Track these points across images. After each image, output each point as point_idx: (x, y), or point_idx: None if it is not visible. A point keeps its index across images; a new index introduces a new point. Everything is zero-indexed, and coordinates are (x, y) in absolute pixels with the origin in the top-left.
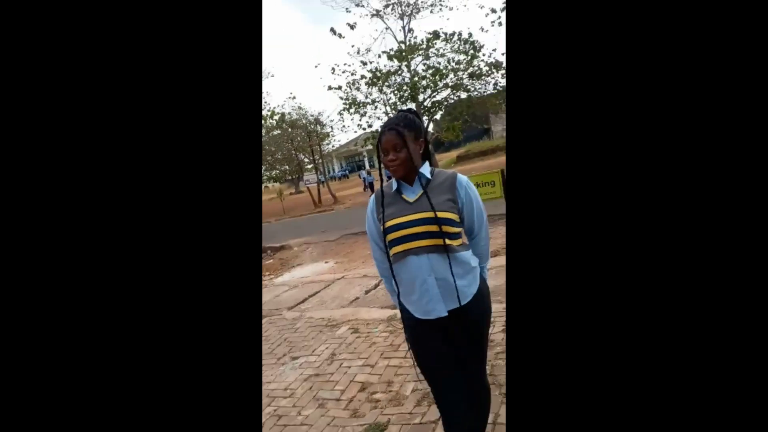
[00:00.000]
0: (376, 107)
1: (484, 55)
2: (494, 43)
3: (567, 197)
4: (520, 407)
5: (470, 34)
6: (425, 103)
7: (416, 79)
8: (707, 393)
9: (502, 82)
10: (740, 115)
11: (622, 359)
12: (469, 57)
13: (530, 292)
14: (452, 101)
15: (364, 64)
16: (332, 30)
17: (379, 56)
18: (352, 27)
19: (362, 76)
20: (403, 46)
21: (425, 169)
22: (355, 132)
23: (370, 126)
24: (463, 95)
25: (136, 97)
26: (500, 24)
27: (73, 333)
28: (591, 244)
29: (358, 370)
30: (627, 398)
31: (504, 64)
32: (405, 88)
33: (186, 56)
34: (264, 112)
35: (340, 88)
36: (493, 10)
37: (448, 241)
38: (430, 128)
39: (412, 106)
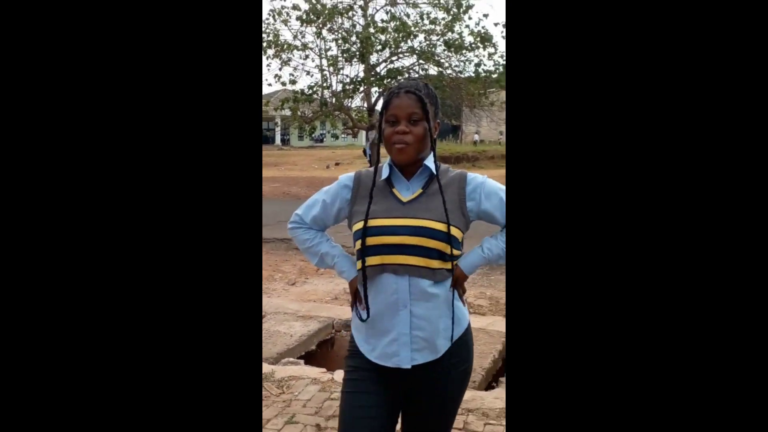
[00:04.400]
0: (307, 56)
1: (470, 19)
2: (487, 7)
3: (568, 202)
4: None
5: None
6: (378, 69)
7: (372, 30)
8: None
9: (488, 64)
10: (738, 124)
11: (626, 373)
12: (451, 17)
13: (532, 301)
14: (416, 75)
15: None
16: None
17: None
18: None
19: (295, 6)
20: None
21: (430, 161)
22: (270, 85)
23: (293, 81)
24: (433, 70)
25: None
26: None
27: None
28: (597, 250)
29: None
30: (629, 408)
31: (494, 39)
32: (354, 39)
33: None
34: None
35: None
36: None
37: (445, 266)
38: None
39: (360, 67)
